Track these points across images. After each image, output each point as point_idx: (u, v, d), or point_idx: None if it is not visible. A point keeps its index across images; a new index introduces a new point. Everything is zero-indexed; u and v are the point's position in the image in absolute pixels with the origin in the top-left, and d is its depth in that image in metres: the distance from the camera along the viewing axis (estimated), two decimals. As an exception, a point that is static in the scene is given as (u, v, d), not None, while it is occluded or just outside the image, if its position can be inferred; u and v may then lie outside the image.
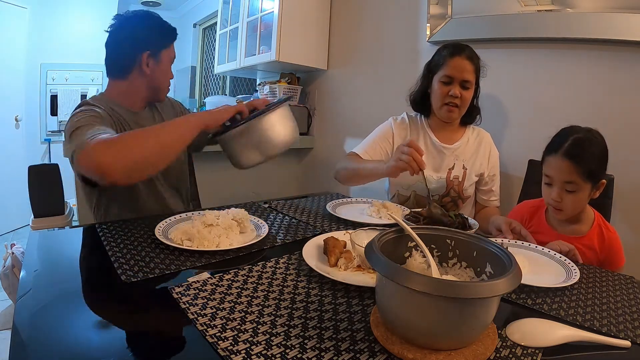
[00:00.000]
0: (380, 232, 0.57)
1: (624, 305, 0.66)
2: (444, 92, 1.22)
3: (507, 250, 0.53)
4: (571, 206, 0.95)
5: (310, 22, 2.28)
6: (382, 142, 1.33)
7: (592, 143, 0.93)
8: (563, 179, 0.93)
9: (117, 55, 1.10)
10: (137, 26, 1.10)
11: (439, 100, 1.24)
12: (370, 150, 1.31)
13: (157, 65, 1.11)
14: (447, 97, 1.22)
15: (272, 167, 2.49)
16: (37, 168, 1.58)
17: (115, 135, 0.82)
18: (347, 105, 2.29)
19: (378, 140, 1.33)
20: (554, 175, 0.95)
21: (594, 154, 0.92)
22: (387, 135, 1.33)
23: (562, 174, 0.93)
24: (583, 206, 0.97)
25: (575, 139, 0.93)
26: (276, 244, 0.85)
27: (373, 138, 1.35)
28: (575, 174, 0.91)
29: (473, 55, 1.21)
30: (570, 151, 0.92)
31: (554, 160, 0.95)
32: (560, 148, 0.94)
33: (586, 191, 0.94)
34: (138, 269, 0.67)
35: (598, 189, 0.95)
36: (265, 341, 0.48)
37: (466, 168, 1.30)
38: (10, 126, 3.16)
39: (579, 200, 0.94)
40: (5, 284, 1.64)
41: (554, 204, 0.97)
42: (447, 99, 1.22)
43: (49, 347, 0.46)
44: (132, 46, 1.08)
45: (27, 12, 3.23)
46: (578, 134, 0.94)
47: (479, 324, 0.46)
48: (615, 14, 1.25)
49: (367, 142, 1.35)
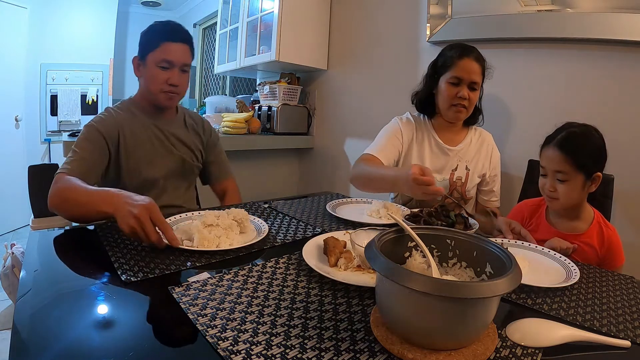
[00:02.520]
0: (380, 232, 0.57)
1: (624, 305, 0.66)
2: (452, 93, 1.21)
3: (507, 250, 0.53)
4: (564, 195, 0.97)
5: (310, 22, 2.28)
6: (393, 140, 1.30)
7: (586, 137, 0.96)
8: (554, 168, 0.97)
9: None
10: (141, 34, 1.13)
11: (447, 102, 1.23)
12: (384, 149, 1.27)
13: (145, 68, 1.12)
14: (456, 99, 1.21)
15: (272, 167, 2.49)
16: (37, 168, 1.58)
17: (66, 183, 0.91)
18: (347, 105, 2.29)
19: (390, 140, 1.30)
20: (547, 165, 0.99)
21: (585, 145, 0.95)
22: (398, 135, 1.31)
23: (553, 164, 0.97)
24: (577, 197, 0.98)
25: (569, 131, 0.97)
26: (276, 244, 0.85)
27: (384, 138, 1.31)
28: (565, 164, 0.94)
29: (480, 56, 1.21)
30: (562, 142, 0.96)
31: (547, 151, 0.99)
32: (554, 140, 0.98)
33: (578, 182, 0.95)
34: (138, 269, 0.67)
35: (593, 181, 0.96)
36: (265, 341, 0.48)
37: (469, 169, 1.30)
38: (10, 126, 3.16)
39: (571, 190, 0.96)
40: (5, 284, 1.64)
41: (548, 193, 1.00)
42: (455, 100, 1.21)
43: (49, 347, 0.46)
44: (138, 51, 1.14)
45: (27, 12, 3.23)
46: (573, 128, 0.98)
47: (479, 324, 0.46)
48: (615, 14, 1.25)
49: (379, 142, 1.31)
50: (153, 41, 1.09)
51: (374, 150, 1.28)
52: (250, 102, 2.87)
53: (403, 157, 1.31)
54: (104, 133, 1.06)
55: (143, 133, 1.13)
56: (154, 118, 1.17)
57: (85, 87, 3.67)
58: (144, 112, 1.16)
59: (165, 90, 1.10)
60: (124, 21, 4.12)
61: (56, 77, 3.51)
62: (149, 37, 1.11)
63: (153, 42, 1.09)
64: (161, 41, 1.08)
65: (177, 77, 1.11)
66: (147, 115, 1.16)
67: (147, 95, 1.14)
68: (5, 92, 3.06)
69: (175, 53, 1.09)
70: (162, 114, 1.19)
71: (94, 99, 3.72)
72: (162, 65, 1.08)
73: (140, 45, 1.12)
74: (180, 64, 1.10)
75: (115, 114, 1.12)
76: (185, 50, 1.12)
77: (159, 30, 1.10)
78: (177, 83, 1.11)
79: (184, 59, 1.11)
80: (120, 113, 1.13)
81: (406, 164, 1.30)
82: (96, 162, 1.04)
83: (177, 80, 1.11)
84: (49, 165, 1.63)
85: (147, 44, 1.10)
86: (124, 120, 1.11)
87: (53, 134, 3.51)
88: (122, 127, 1.10)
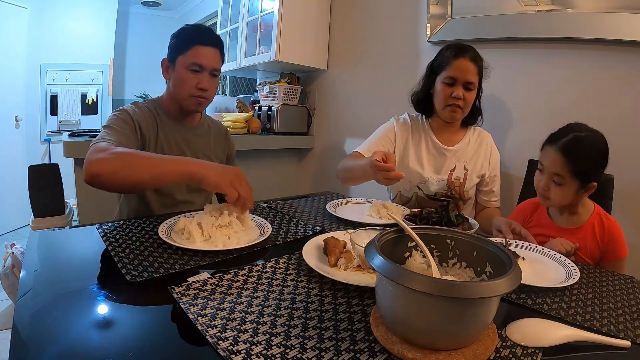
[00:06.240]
0: (380, 232, 0.57)
1: (624, 305, 0.66)
2: (447, 93, 1.21)
3: (508, 250, 0.53)
4: (556, 197, 0.98)
5: (310, 22, 2.28)
6: (384, 141, 1.32)
7: (591, 144, 0.93)
8: (552, 170, 0.96)
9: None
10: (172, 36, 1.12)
11: (442, 101, 1.24)
12: (373, 148, 1.29)
13: (173, 72, 1.10)
14: (450, 99, 1.21)
15: (272, 167, 2.49)
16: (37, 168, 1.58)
17: (118, 150, 0.85)
18: (347, 105, 2.29)
19: (380, 139, 1.32)
20: (546, 165, 0.98)
21: (588, 154, 0.93)
22: (390, 135, 1.33)
23: (552, 166, 0.96)
24: (568, 201, 0.98)
25: (575, 136, 0.94)
26: (278, 243, 0.85)
27: (375, 137, 1.34)
28: (565, 169, 0.94)
29: (476, 56, 1.21)
30: (566, 146, 0.94)
31: (549, 151, 0.97)
32: (559, 141, 0.95)
33: (572, 188, 0.95)
34: (142, 269, 0.66)
35: (587, 190, 0.96)
36: (265, 341, 0.48)
37: (467, 169, 1.30)
38: (10, 126, 3.16)
39: (564, 194, 0.96)
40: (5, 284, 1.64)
41: (541, 191, 1.00)
42: (450, 100, 1.21)
43: (49, 347, 0.46)
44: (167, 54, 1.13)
45: (27, 12, 3.23)
46: (580, 132, 0.95)
47: (479, 324, 0.46)
48: (615, 14, 1.25)
49: (370, 141, 1.34)
50: (184, 44, 1.07)
51: (362, 148, 1.31)
52: (250, 102, 2.87)
53: (400, 158, 1.32)
54: (137, 123, 1.04)
55: (164, 136, 1.12)
56: (177, 122, 1.15)
57: (85, 87, 3.67)
58: (168, 115, 1.14)
59: (195, 94, 1.09)
60: (124, 21, 4.11)
61: (56, 77, 3.51)
62: (179, 39, 1.09)
63: (184, 45, 1.07)
64: (192, 44, 1.06)
65: (207, 81, 1.09)
66: (171, 118, 1.15)
67: (174, 98, 1.13)
68: (5, 92, 3.07)
69: (206, 57, 1.07)
70: (186, 118, 1.17)
71: (94, 99, 3.72)
72: (192, 68, 1.07)
73: (170, 47, 1.10)
74: (211, 68, 1.09)
75: (145, 111, 1.10)
76: (216, 55, 1.10)
77: (190, 34, 1.09)
78: (206, 87, 1.09)
79: (214, 64, 1.10)
80: (148, 112, 1.11)
81: (403, 164, 1.31)
82: (133, 143, 1.01)
83: (207, 84, 1.09)
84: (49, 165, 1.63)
85: (177, 47, 1.08)
86: (150, 120, 1.10)
87: (53, 134, 3.52)
88: (149, 126, 1.09)
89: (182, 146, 1.16)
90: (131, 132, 1.01)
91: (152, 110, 1.12)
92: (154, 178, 0.83)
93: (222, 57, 1.13)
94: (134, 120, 1.04)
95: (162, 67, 1.13)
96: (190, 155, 1.15)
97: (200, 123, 1.23)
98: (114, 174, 0.81)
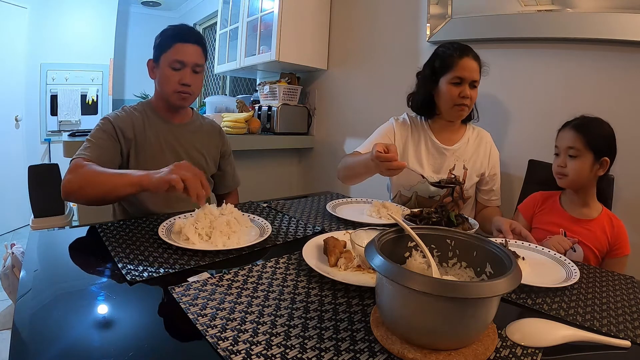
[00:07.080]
0: (380, 232, 0.57)
1: (624, 305, 0.66)
2: (455, 93, 1.21)
3: (508, 250, 0.53)
4: (573, 171, 1.03)
5: (310, 22, 2.28)
6: (383, 139, 1.31)
7: (600, 123, 1.04)
8: (566, 144, 1.04)
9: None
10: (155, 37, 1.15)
11: (449, 102, 1.23)
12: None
13: (158, 70, 1.13)
14: (459, 99, 1.21)
15: (272, 167, 2.49)
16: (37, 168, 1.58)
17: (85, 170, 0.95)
18: (347, 105, 2.29)
19: (380, 139, 1.32)
20: (560, 144, 1.07)
21: (598, 130, 1.03)
22: (389, 134, 1.33)
23: (565, 141, 1.05)
24: (585, 176, 1.03)
25: (584, 116, 1.06)
26: (277, 244, 0.85)
27: (375, 137, 1.34)
28: (577, 140, 1.02)
29: (476, 54, 1.22)
30: (578, 124, 1.05)
31: (562, 133, 1.08)
32: (570, 123, 1.07)
33: (587, 160, 1.01)
34: (143, 269, 0.67)
35: (601, 165, 1.02)
36: (265, 341, 0.48)
37: (467, 168, 1.30)
38: (10, 126, 3.16)
39: (580, 167, 1.02)
40: (5, 284, 1.64)
41: (558, 169, 1.06)
42: (458, 100, 1.21)
43: (49, 347, 0.46)
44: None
45: (27, 12, 3.23)
46: (589, 116, 1.06)
47: (479, 324, 0.46)
48: (615, 14, 1.25)
49: (369, 141, 1.34)
50: (166, 43, 1.11)
51: (362, 148, 1.31)
52: (250, 102, 2.87)
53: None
54: (119, 128, 1.09)
55: (154, 136, 1.15)
56: (168, 121, 1.18)
57: (85, 87, 3.67)
58: (158, 115, 1.18)
59: (178, 90, 1.12)
60: (124, 21, 4.11)
61: (56, 77, 3.51)
62: (162, 39, 1.12)
63: (166, 43, 1.11)
64: (173, 42, 1.10)
65: (189, 77, 1.12)
66: (161, 118, 1.18)
67: (161, 96, 1.16)
68: (5, 92, 3.06)
69: (187, 53, 1.10)
70: (175, 115, 1.20)
71: (94, 99, 3.72)
72: (174, 66, 1.10)
73: (154, 48, 1.13)
74: (192, 64, 1.11)
75: (130, 114, 1.14)
76: (197, 51, 1.13)
77: (171, 33, 1.12)
78: (189, 82, 1.12)
79: (196, 59, 1.12)
80: (136, 114, 1.15)
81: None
82: (111, 152, 1.07)
83: (189, 79, 1.12)
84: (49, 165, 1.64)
85: (160, 46, 1.11)
86: (137, 120, 1.13)
87: (53, 134, 3.51)
88: (135, 127, 1.12)
89: (173, 144, 1.18)
90: (109, 141, 1.07)
91: (140, 111, 1.16)
92: (112, 190, 0.91)
93: (204, 53, 1.16)
94: (115, 126, 1.08)
95: (148, 67, 1.17)
96: (182, 151, 1.19)
97: (191, 120, 1.25)
98: (81, 190, 0.93)
